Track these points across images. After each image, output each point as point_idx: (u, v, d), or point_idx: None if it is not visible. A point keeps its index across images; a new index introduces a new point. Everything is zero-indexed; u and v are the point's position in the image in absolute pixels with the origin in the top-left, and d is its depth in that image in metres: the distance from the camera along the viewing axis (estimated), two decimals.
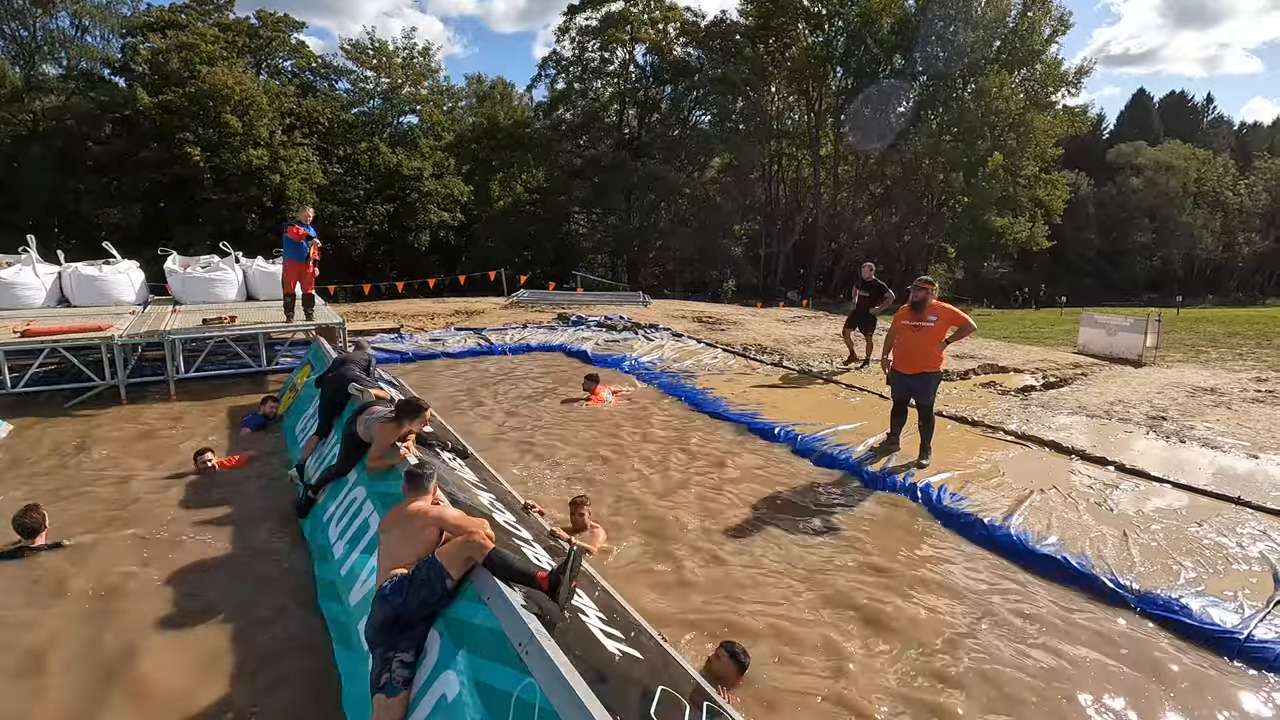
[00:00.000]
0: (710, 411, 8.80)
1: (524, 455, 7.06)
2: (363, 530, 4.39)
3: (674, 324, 15.55)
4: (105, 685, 3.42)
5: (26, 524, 4.66)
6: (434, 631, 3.07)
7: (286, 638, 3.88)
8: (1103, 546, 5.05)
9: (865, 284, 10.99)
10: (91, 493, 5.87)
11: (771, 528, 5.53)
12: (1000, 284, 46.36)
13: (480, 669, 2.67)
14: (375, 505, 4.45)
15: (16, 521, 4.67)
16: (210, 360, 9.92)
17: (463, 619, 2.95)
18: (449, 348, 12.32)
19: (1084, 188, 51.67)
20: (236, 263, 12.07)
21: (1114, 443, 7.42)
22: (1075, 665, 3.84)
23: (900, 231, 37.69)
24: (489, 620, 2.79)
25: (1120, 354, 12.42)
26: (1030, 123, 33.52)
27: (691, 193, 36.85)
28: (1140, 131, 60.54)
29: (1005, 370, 11.12)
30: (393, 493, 4.17)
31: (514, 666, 2.52)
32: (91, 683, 3.43)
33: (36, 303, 10.34)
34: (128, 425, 7.83)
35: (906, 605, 4.40)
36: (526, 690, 2.40)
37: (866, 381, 9.91)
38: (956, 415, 8.30)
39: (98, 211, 25.91)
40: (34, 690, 3.38)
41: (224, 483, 6.15)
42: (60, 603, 4.15)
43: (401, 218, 32.73)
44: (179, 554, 4.79)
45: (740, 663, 3.53)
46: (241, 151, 27.39)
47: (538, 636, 2.53)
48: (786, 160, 38.65)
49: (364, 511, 4.55)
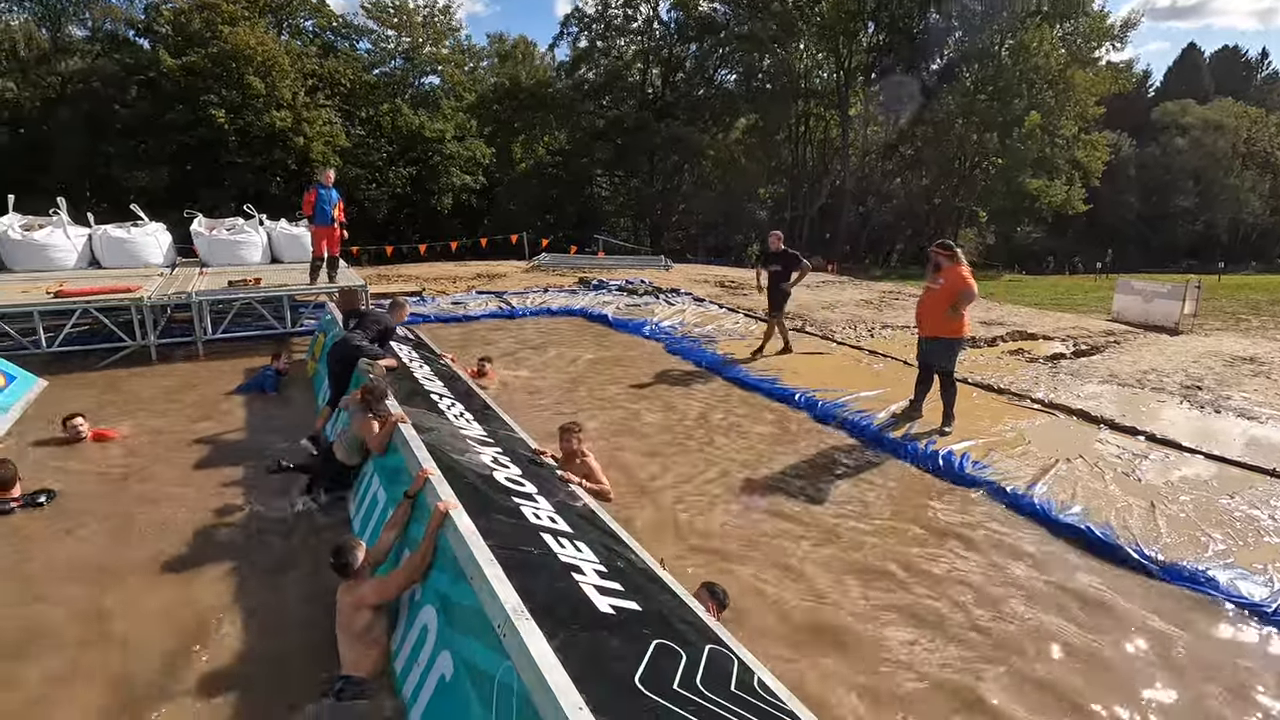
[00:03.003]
0: (729, 377, 8.74)
1: (540, 414, 7.11)
2: (373, 506, 4.44)
3: (696, 288, 15.40)
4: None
5: (2, 476, 4.74)
6: (430, 608, 3.07)
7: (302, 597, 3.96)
8: (1129, 517, 4.96)
9: (774, 256, 9.35)
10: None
11: (786, 490, 5.52)
12: (1032, 249, 45.08)
13: (467, 650, 2.64)
14: (382, 480, 4.46)
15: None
16: (236, 322, 10.08)
17: (450, 595, 2.93)
18: (470, 310, 12.37)
19: (1125, 149, 49.56)
20: (261, 225, 12.15)
21: (1145, 412, 7.24)
22: (1073, 622, 3.80)
23: (930, 195, 36.70)
24: (471, 599, 2.75)
25: (1156, 321, 12.06)
26: (1071, 80, 32.11)
27: (716, 155, 36.12)
28: (1189, 89, 57.69)
29: (1034, 337, 10.86)
30: (398, 467, 4.18)
31: (495, 649, 2.47)
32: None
33: (68, 264, 10.53)
34: (161, 382, 8.01)
35: (918, 564, 4.39)
36: (506, 674, 2.36)
37: (891, 348, 9.75)
38: (981, 382, 8.14)
39: (126, 174, 26.19)
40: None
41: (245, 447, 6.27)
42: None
43: (424, 181, 32.64)
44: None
45: (720, 601, 3.62)
46: (265, 114, 27.37)
47: (513, 617, 2.47)
48: (814, 121, 37.61)
49: (373, 486, 4.59)
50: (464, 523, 3.14)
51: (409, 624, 3.20)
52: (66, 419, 6.10)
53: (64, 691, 3.12)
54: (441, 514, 3.21)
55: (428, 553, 3.17)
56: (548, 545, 3.30)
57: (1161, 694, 3.37)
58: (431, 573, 3.18)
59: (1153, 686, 3.42)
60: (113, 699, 3.09)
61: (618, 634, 2.71)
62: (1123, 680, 3.45)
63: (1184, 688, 3.41)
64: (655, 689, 2.39)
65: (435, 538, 3.18)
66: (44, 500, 4.84)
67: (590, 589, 2.98)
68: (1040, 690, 3.37)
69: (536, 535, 3.37)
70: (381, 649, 3.22)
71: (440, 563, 3.15)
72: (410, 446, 4.09)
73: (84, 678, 3.20)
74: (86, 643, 3.45)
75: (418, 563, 3.18)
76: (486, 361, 8.40)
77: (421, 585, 3.21)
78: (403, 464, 4.08)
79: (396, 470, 4.16)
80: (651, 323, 11.59)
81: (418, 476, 3.64)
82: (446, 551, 3.12)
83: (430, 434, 4.36)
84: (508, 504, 3.68)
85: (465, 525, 3.12)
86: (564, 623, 2.58)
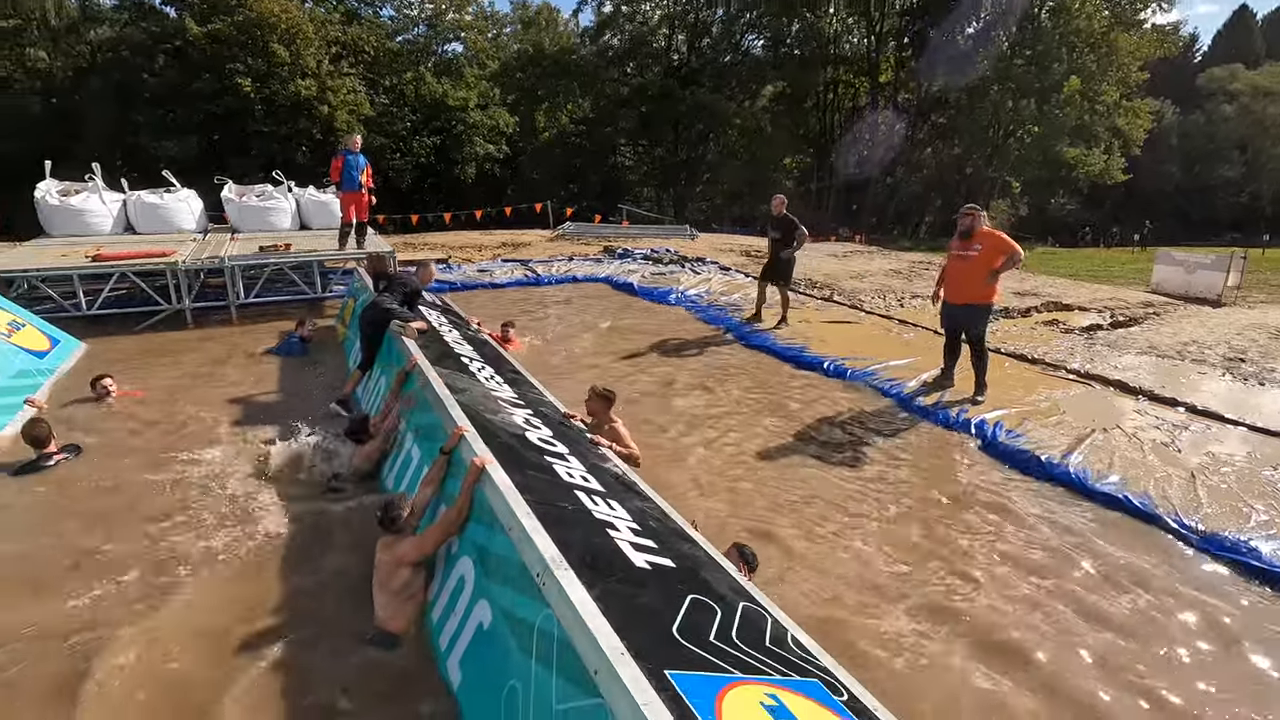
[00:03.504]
0: (756, 345, 8.68)
1: (566, 380, 7.13)
2: (407, 462, 4.50)
3: (721, 258, 15.25)
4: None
5: (35, 435, 4.88)
6: (467, 559, 3.12)
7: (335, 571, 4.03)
8: (1168, 487, 4.87)
9: (776, 222, 9.13)
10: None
11: (813, 455, 5.50)
12: (1066, 221, 43.86)
13: (506, 599, 2.68)
14: (416, 438, 4.52)
15: (25, 434, 4.90)
16: (268, 287, 10.21)
17: (488, 547, 2.97)
18: (496, 278, 12.40)
19: (1168, 116, 47.73)
20: (289, 191, 12.23)
21: (1185, 384, 7.07)
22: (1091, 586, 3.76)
23: (961, 164, 35.65)
24: (510, 550, 2.78)
25: (1198, 293, 11.72)
26: (1114, 43, 30.77)
27: (742, 123, 35.42)
28: (1239, 53, 55.17)
29: (1069, 308, 10.62)
30: (433, 424, 4.23)
31: (534, 597, 2.50)
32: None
33: (104, 229, 10.71)
34: (196, 344, 8.17)
35: (939, 530, 4.36)
36: (546, 620, 2.38)
37: (921, 317, 9.60)
38: (1015, 352, 8.00)
39: (155, 143, 26.45)
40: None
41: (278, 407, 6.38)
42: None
43: (448, 150, 32.54)
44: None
45: (750, 562, 3.62)
46: (290, 82, 27.39)
47: (552, 566, 2.49)
48: (843, 88, 36.63)
49: (407, 443, 4.64)
50: (501, 477, 3.17)
51: (445, 575, 3.26)
52: (95, 380, 6.29)
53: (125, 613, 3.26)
54: (478, 469, 3.24)
55: (464, 507, 3.21)
56: (582, 502, 3.32)
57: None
58: (468, 526, 3.22)
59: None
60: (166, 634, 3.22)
61: (653, 588, 2.73)
62: (1160, 642, 3.42)
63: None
64: (692, 640, 2.40)
65: (472, 492, 3.22)
66: (71, 455, 5.01)
67: (625, 544, 2.99)
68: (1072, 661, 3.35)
69: (571, 493, 3.39)
70: (417, 604, 3.29)
71: (477, 516, 3.19)
72: (445, 404, 4.12)
73: (140, 614, 3.33)
74: (142, 578, 3.58)
75: (454, 517, 3.23)
76: (510, 327, 8.42)
77: (458, 538, 3.26)
78: (438, 422, 4.12)
79: (432, 428, 4.20)
80: (677, 291, 11.52)
81: (453, 433, 3.68)
82: (483, 505, 3.15)
83: (463, 394, 4.40)
84: (541, 462, 3.70)
85: (502, 479, 3.15)
86: (601, 575, 2.60)
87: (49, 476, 4.77)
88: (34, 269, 8.49)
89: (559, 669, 2.23)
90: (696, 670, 2.16)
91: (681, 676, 2.08)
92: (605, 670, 2.03)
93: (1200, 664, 3.33)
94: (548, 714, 2.18)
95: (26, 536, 4.02)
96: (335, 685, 2.90)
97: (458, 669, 2.84)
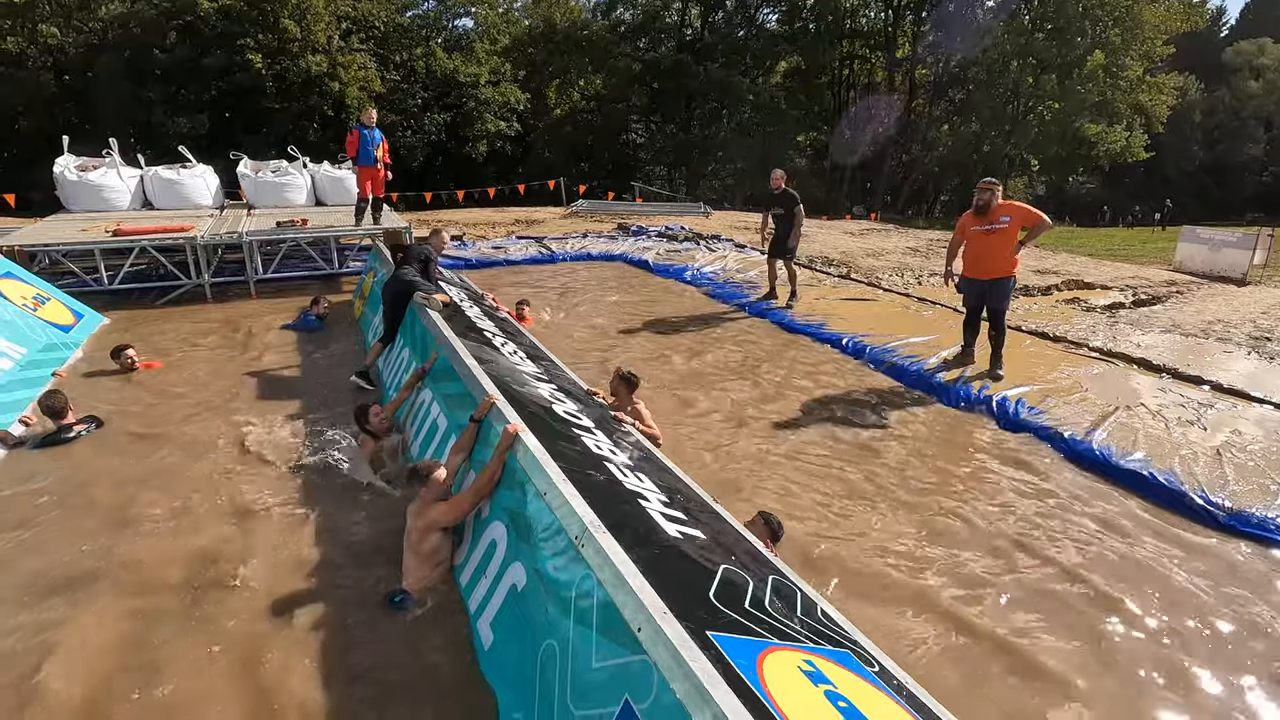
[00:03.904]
0: (773, 321, 8.65)
1: (582, 357, 7.14)
2: (432, 431, 4.54)
3: (736, 235, 15.15)
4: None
5: (52, 405, 4.92)
6: (499, 523, 3.16)
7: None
8: (1193, 465, 4.83)
9: (775, 197, 8.95)
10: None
11: (831, 432, 5.50)
12: (1084, 200, 43.12)
13: (543, 562, 2.71)
14: (442, 407, 4.56)
15: (42, 404, 4.95)
16: (285, 263, 10.25)
17: (523, 512, 3.00)
18: (511, 255, 12.38)
19: (1192, 92, 46.57)
20: (305, 167, 12.22)
21: (1210, 362, 6.99)
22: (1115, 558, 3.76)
23: (979, 141, 35.05)
24: (545, 513, 2.82)
25: (1222, 271, 11.54)
26: (1139, 16, 30.02)
27: (755, 99, 34.91)
28: (1269, 25, 53.60)
29: (1091, 287, 10.50)
30: (460, 394, 4.26)
31: (573, 558, 2.54)
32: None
33: (122, 205, 10.75)
34: (215, 318, 8.23)
35: (961, 507, 4.36)
36: (585, 581, 2.42)
37: (940, 295, 9.50)
38: (1036, 330, 7.92)
39: (168, 121, 26.43)
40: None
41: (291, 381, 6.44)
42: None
43: (459, 127, 32.31)
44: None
45: (774, 531, 3.64)
46: (300, 58, 27.23)
47: (592, 530, 2.53)
48: (859, 64, 36.00)
49: (433, 413, 4.68)
50: (533, 443, 3.21)
51: (475, 539, 3.32)
52: (117, 350, 6.34)
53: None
54: (512, 435, 3.28)
55: (496, 472, 3.26)
56: (612, 473, 3.34)
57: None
58: (499, 491, 3.26)
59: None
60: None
61: (686, 557, 2.76)
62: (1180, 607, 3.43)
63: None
64: (729, 606, 2.43)
65: (504, 457, 3.26)
66: (94, 427, 5.07)
67: (657, 514, 3.02)
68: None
69: (601, 464, 3.41)
70: (445, 569, 3.36)
71: (508, 481, 3.22)
72: (474, 374, 4.15)
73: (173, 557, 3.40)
74: (177, 531, 3.66)
75: (485, 481, 3.27)
76: (525, 305, 8.42)
77: (489, 503, 3.30)
78: (464, 391, 4.15)
79: (459, 397, 4.23)
80: (693, 268, 11.47)
81: (483, 402, 3.71)
82: (515, 470, 3.18)
83: (489, 366, 4.41)
84: (569, 433, 3.72)
85: (535, 445, 3.19)
86: (636, 542, 2.62)
87: (71, 450, 4.80)
88: (56, 244, 8.56)
89: (599, 628, 2.26)
90: (735, 634, 2.18)
91: (722, 638, 2.10)
92: (649, 628, 2.05)
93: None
94: (586, 671, 2.21)
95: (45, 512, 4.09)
96: (368, 646, 2.97)
97: (489, 630, 2.89)
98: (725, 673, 1.88)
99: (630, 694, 1.99)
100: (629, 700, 1.99)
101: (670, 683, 1.88)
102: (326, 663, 2.88)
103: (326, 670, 2.84)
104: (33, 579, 3.38)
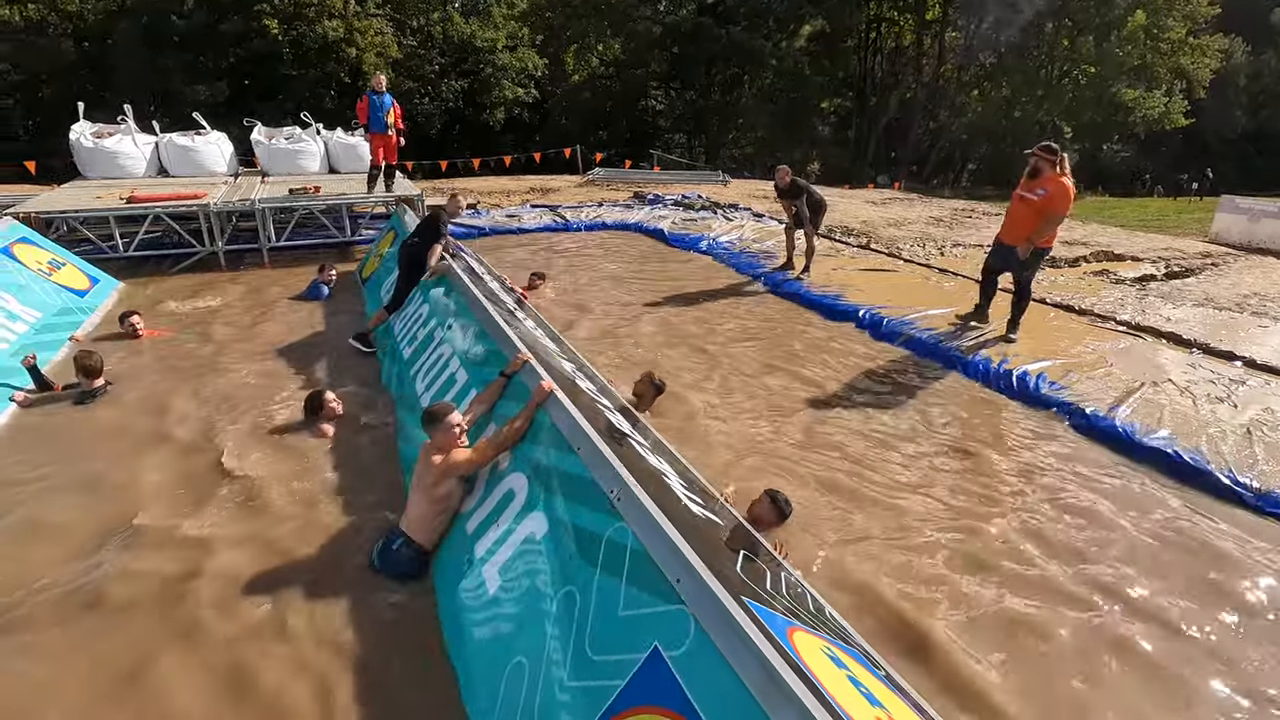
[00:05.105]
0: (789, 292, 8.47)
1: (594, 331, 7.06)
2: (449, 384, 4.52)
3: (754, 204, 14.83)
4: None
5: (88, 365, 5.04)
6: (520, 475, 3.17)
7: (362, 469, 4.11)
8: (1221, 443, 4.66)
9: (784, 192, 8.70)
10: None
11: (846, 406, 5.38)
12: (1118, 169, 41.61)
13: (570, 512, 2.77)
14: (463, 362, 4.59)
15: (79, 364, 5.06)
16: (298, 231, 10.22)
17: (550, 465, 3.03)
18: (525, 224, 12.24)
19: (1237, 55, 44.44)
20: (318, 134, 12.13)
21: (1244, 337, 6.73)
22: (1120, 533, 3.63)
23: (1009, 107, 33.89)
24: (578, 468, 2.85)
25: (1261, 243, 11.10)
26: None
27: (778, 64, 33.97)
28: None
29: (1121, 258, 10.14)
30: (484, 350, 4.31)
31: (604, 511, 2.59)
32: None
33: (137, 172, 10.76)
34: (228, 285, 8.25)
35: (974, 485, 4.25)
36: (618, 533, 2.46)
37: (963, 266, 9.25)
38: (1061, 303, 7.67)
39: (186, 88, 26.43)
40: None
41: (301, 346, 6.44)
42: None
43: (476, 94, 31.93)
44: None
45: (780, 509, 3.62)
46: (317, 23, 27.00)
47: (630, 484, 2.57)
48: (885, 27, 34.82)
49: (450, 366, 4.69)
50: (567, 402, 3.25)
51: (488, 490, 3.35)
52: (123, 316, 6.42)
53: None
54: (546, 392, 3.32)
55: (524, 426, 3.29)
56: (635, 450, 3.33)
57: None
58: (523, 444, 3.30)
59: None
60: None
61: (709, 535, 2.78)
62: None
63: None
64: (754, 583, 2.46)
65: (533, 414, 3.29)
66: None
67: (680, 493, 3.02)
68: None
69: (624, 440, 3.41)
70: (449, 517, 3.37)
71: (535, 436, 3.26)
72: (504, 331, 4.22)
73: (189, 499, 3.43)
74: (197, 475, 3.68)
75: (510, 434, 3.29)
76: (538, 277, 8.34)
77: (509, 455, 3.33)
78: (490, 348, 4.24)
79: (485, 355, 4.31)
80: (709, 238, 11.26)
81: (516, 359, 3.75)
82: (544, 427, 3.23)
83: (515, 329, 4.41)
84: (594, 407, 3.72)
85: (569, 404, 3.22)
86: (664, 510, 2.59)
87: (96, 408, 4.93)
88: (71, 210, 8.59)
89: (629, 578, 2.30)
90: (765, 607, 2.21)
91: (755, 605, 2.13)
92: (692, 580, 2.09)
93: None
94: (611, 619, 2.27)
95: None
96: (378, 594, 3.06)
97: (496, 575, 2.93)
98: (763, 631, 1.93)
99: (660, 641, 2.04)
100: (658, 647, 2.03)
101: (708, 633, 1.93)
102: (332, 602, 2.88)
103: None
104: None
